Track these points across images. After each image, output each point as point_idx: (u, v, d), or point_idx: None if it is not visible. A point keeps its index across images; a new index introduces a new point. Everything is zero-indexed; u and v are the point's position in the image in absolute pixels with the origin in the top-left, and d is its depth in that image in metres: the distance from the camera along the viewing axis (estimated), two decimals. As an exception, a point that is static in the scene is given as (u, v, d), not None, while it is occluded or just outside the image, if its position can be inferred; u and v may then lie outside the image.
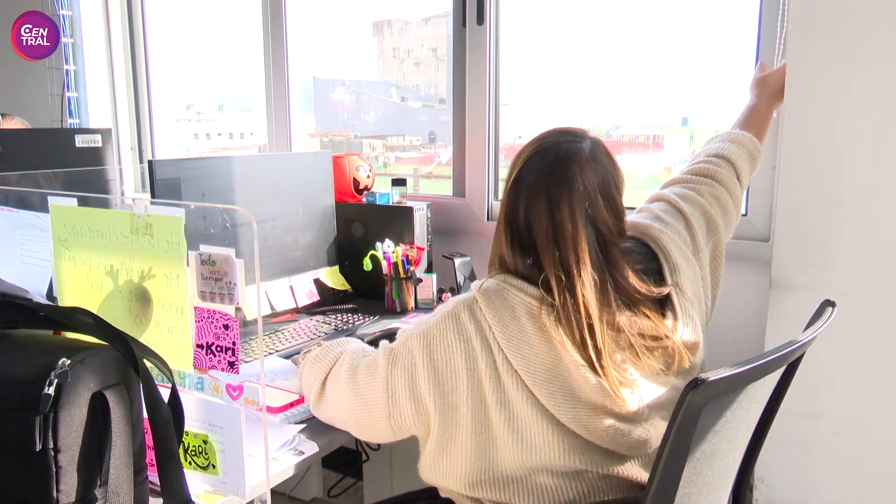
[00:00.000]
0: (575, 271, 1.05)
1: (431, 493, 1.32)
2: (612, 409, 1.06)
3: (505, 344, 1.06)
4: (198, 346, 0.92)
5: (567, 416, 1.06)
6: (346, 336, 1.74)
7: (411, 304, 1.95)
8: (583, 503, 1.10)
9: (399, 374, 1.11)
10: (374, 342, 1.67)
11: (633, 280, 1.09)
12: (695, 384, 0.81)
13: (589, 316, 1.04)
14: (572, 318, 1.04)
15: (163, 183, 1.60)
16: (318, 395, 1.23)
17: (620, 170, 1.16)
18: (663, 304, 1.13)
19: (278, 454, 1.16)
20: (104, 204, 1.01)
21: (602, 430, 1.06)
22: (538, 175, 1.09)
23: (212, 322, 0.90)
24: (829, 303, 1.07)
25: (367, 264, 1.97)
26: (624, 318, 1.07)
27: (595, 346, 1.04)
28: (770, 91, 1.52)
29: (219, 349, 0.90)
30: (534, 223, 1.09)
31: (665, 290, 1.12)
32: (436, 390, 1.08)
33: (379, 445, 2.21)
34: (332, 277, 2.06)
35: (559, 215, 1.07)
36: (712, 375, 0.82)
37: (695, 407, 0.83)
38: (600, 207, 1.09)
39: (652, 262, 1.16)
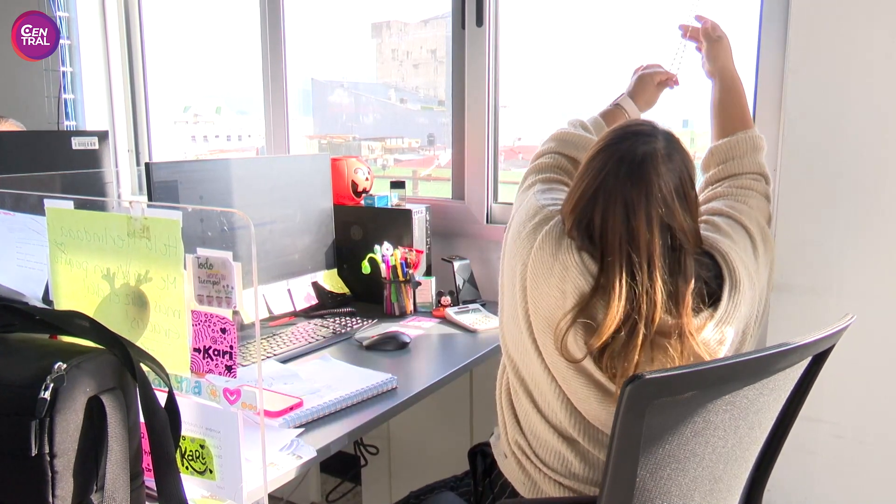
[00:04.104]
0: (646, 277, 1.05)
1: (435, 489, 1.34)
2: (593, 376, 1.09)
3: (531, 274, 1.13)
4: (195, 349, 0.91)
5: (550, 359, 1.11)
6: (344, 340, 1.74)
7: (410, 307, 1.95)
8: (569, 475, 1.15)
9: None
10: (372, 347, 1.67)
11: (689, 293, 1.07)
12: (631, 380, 0.80)
13: (652, 320, 1.04)
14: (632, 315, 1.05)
15: (160, 185, 1.59)
16: None
17: (692, 161, 1.13)
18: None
19: (276, 459, 1.15)
20: (101, 207, 1.00)
21: (578, 387, 1.10)
22: (615, 180, 1.08)
23: (209, 326, 0.89)
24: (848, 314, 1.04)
25: (366, 267, 1.96)
26: (669, 319, 1.06)
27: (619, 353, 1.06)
28: (721, 62, 1.47)
29: (216, 353, 0.90)
30: (608, 228, 1.08)
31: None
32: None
33: (378, 450, 2.20)
34: (331, 281, 2.05)
35: (636, 222, 1.06)
36: (650, 374, 0.80)
37: (634, 403, 0.81)
38: (677, 211, 1.08)
39: (717, 277, 1.12)
